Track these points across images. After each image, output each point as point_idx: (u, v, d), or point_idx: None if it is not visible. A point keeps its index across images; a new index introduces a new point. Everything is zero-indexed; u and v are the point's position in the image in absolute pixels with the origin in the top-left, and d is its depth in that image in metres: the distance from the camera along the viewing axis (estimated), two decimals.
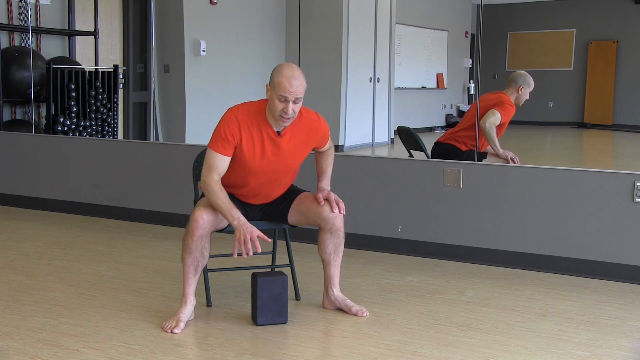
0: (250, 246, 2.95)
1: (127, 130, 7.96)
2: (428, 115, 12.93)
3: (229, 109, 3.12)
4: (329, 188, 3.24)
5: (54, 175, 5.82)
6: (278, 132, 3.08)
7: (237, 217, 3.01)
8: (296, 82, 2.96)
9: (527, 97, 4.89)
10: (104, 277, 3.90)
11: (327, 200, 3.17)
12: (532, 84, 4.88)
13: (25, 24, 6.88)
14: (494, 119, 4.72)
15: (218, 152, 3.05)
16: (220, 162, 3.05)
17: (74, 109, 6.84)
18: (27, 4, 6.92)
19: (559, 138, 12.85)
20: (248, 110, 3.09)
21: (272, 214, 3.34)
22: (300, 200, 3.26)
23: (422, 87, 12.98)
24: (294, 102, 2.97)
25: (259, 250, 2.97)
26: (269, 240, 3.02)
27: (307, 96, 3.10)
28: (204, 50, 8.58)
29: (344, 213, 3.17)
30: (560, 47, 14.33)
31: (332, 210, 3.14)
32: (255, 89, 9.04)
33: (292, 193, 3.30)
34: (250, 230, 2.97)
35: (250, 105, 3.13)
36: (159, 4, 8.39)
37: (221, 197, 3.02)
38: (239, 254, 2.96)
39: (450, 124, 12.97)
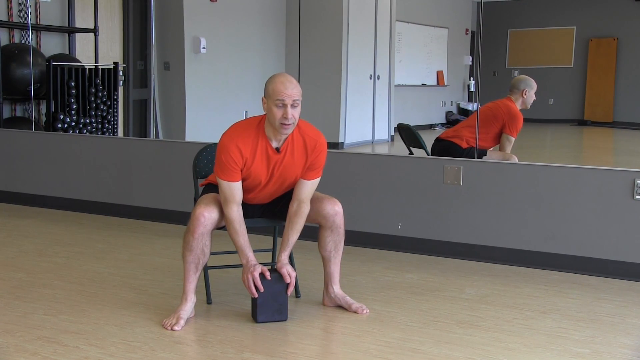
0: (253, 290, 3.05)
1: (127, 127, 7.97)
2: (428, 113, 12.93)
3: (225, 135, 3.07)
4: (286, 261, 3.13)
5: (54, 173, 5.82)
6: (277, 149, 3.07)
7: (247, 258, 3.07)
8: (291, 85, 2.96)
9: (534, 98, 5.00)
10: (104, 274, 3.90)
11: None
12: (535, 85, 4.97)
13: (25, 21, 6.88)
14: (510, 145, 4.98)
15: (228, 180, 3.04)
16: (234, 190, 3.06)
17: (74, 107, 6.84)
18: (27, 1, 6.91)
19: (559, 135, 12.85)
20: (244, 130, 3.05)
21: (271, 212, 3.34)
22: None
23: (422, 84, 12.98)
24: (293, 107, 2.96)
25: (261, 290, 3.06)
26: (269, 278, 3.06)
27: (307, 93, 3.09)
28: (204, 48, 8.58)
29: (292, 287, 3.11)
30: (560, 44, 14.33)
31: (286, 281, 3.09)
32: (255, 86, 9.05)
33: (291, 191, 3.30)
34: (251, 271, 3.04)
35: (245, 123, 3.09)
36: (159, 1, 8.39)
37: (240, 234, 3.06)
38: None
39: (450, 121, 12.98)
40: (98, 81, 7.11)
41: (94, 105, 7.05)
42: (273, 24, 9.84)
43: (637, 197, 3.90)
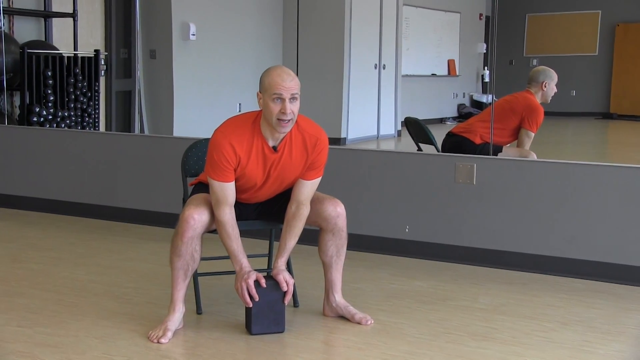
0: (248, 299, 3.05)
1: (109, 121, 7.97)
2: (438, 106, 12.93)
3: (218, 131, 3.08)
4: (283, 268, 3.14)
5: (30, 171, 5.82)
6: (274, 148, 3.07)
7: (241, 264, 3.08)
8: (288, 77, 2.97)
9: (555, 90, 5.01)
10: (85, 282, 3.90)
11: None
12: (555, 76, 4.99)
13: None
14: (530, 141, 4.98)
15: (220, 180, 3.05)
16: (227, 191, 3.07)
17: (51, 98, 6.84)
18: None
19: (582, 130, 12.85)
20: (238, 127, 3.06)
21: (268, 213, 3.34)
22: None
23: (432, 74, 12.97)
24: (291, 101, 2.97)
25: (256, 299, 3.05)
26: (265, 286, 3.06)
27: (307, 85, 3.10)
28: (193, 34, 8.58)
29: (290, 294, 3.11)
30: (584, 30, 14.31)
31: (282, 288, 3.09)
32: (249, 77, 9.04)
33: (289, 191, 3.30)
34: (245, 278, 3.04)
35: (239, 119, 3.10)
36: None
37: (232, 238, 3.07)
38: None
39: (462, 114, 12.98)
40: (77, 71, 7.11)
41: (73, 97, 7.05)
42: (269, 8, 9.83)
43: None
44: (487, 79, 13.59)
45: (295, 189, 3.18)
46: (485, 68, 13.80)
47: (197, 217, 3.05)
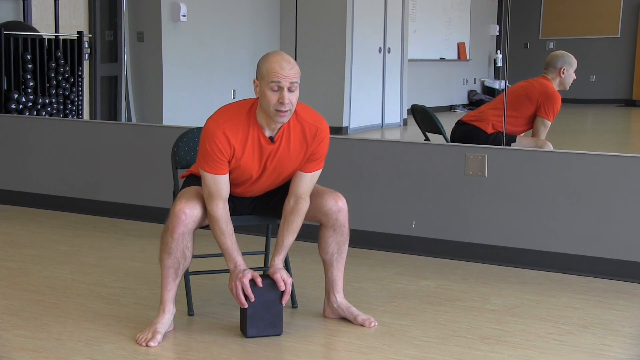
0: (243, 299, 3.05)
1: (94, 108, 7.96)
2: (447, 92, 12.92)
3: (211, 120, 3.08)
4: (281, 266, 3.16)
5: (8, 162, 5.82)
6: (271, 138, 3.08)
7: (235, 262, 3.08)
8: (288, 65, 2.97)
9: (574, 77, 5.03)
10: (67, 281, 3.91)
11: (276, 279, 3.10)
12: (575, 62, 5.00)
13: None
14: (546, 130, 5.01)
15: (213, 172, 3.06)
16: (219, 184, 3.07)
17: (31, 84, 6.84)
18: None
19: (603, 118, 12.84)
20: (233, 116, 3.06)
21: (264, 208, 3.35)
22: None
23: (441, 58, 12.96)
24: (290, 91, 2.97)
25: (252, 299, 3.06)
26: (261, 286, 3.06)
27: (306, 70, 3.10)
28: (184, 16, 8.56)
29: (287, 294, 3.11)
30: (605, 10, 14.28)
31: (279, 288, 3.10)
32: (244, 61, 9.05)
33: (287, 184, 3.30)
34: (240, 277, 3.04)
35: (234, 107, 3.11)
36: None
37: (226, 234, 3.08)
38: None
39: (473, 101, 12.98)
40: (59, 54, 7.10)
41: (55, 82, 7.05)
42: None
43: None
44: (499, 64, 13.59)
45: (294, 182, 3.18)
46: (498, 52, 13.78)
47: (188, 212, 3.05)
